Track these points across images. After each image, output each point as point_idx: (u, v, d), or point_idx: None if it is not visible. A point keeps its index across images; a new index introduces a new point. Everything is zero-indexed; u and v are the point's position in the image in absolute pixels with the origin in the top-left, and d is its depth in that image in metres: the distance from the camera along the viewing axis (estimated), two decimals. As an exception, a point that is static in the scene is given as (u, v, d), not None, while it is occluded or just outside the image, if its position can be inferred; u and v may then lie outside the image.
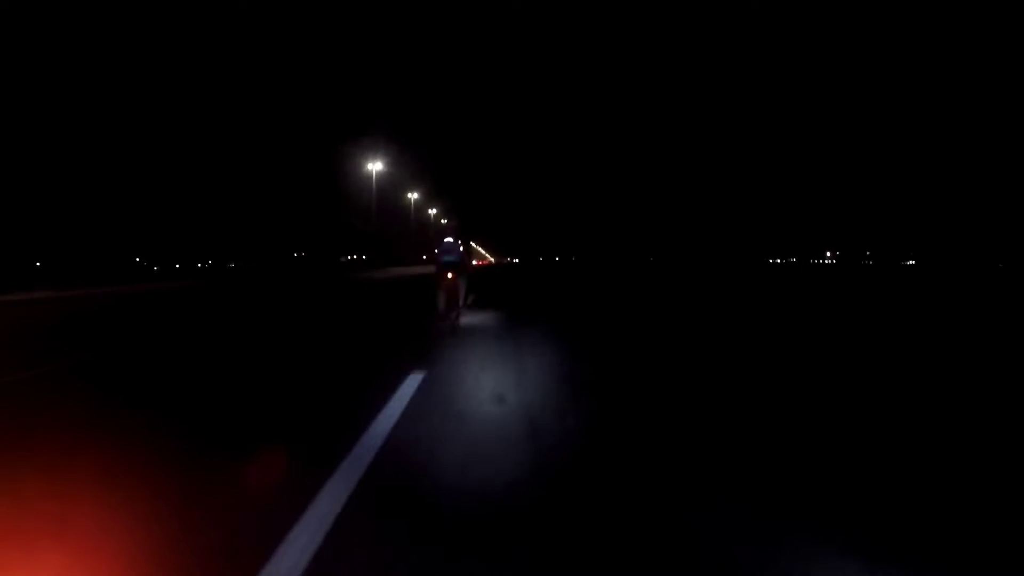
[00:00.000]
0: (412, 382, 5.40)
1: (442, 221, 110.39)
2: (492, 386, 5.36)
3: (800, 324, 11.44)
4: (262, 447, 3.71)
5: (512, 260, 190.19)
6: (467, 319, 12.51)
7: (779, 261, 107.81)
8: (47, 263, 33.35)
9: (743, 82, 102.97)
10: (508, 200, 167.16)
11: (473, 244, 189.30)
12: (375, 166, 49.47)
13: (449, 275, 11.88)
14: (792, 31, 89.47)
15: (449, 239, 12.21)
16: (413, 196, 67.19)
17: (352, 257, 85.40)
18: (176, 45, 46.83)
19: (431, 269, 14.09)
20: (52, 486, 3.07)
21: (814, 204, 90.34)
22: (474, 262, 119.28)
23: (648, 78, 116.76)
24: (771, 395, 5.28)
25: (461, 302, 12.41)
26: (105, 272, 28.63)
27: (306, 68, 59.83)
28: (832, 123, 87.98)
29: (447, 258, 12.04)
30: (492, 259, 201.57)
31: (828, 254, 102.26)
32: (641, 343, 8.83)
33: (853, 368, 6.90)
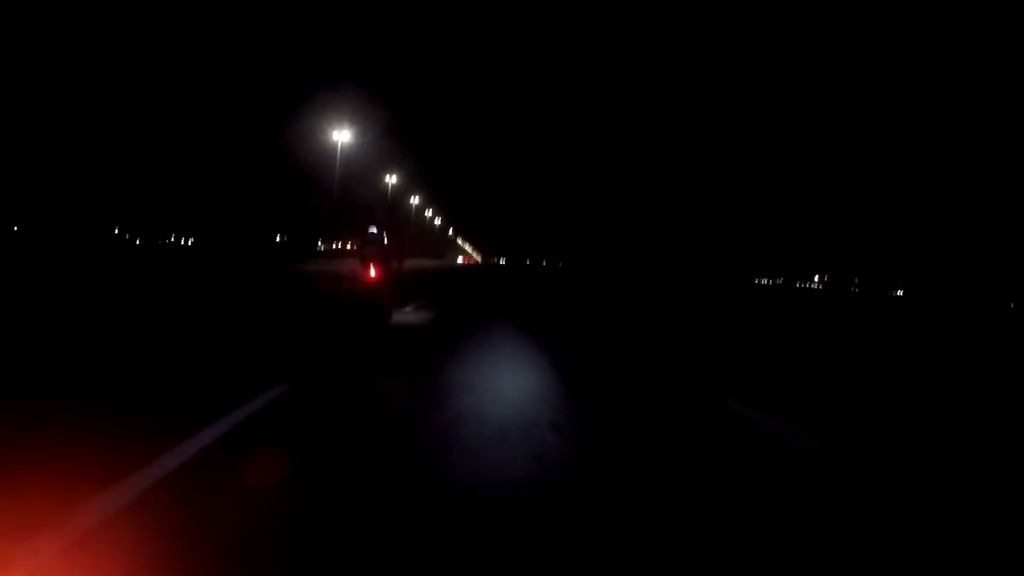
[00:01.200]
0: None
1: (426, 213, 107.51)
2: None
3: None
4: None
5: (499, 261, 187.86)
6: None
7: (767, 282, 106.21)
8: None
9: (741, 89, 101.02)
10: (499, 202, 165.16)
11: (460, 242, 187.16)
12: (341, 136, 41.98)
13: (372, 270, 10.65)
14: (793, 36, 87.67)
15: (374, 229, 10.94)
16: (391, 180, 63.97)
17: (337, 246, 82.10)
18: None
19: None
20: None
21: (809, 221, 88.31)
22: (459, 260, 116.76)
23: (645, 81, 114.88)
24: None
25: (388, 303, 10.92)
26: None
27: (282, 30, 53.97)
28: (830, 137, 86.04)
29: (369, 251, 10.83)
30: (479, 258, 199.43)
31: (816, 277, 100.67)
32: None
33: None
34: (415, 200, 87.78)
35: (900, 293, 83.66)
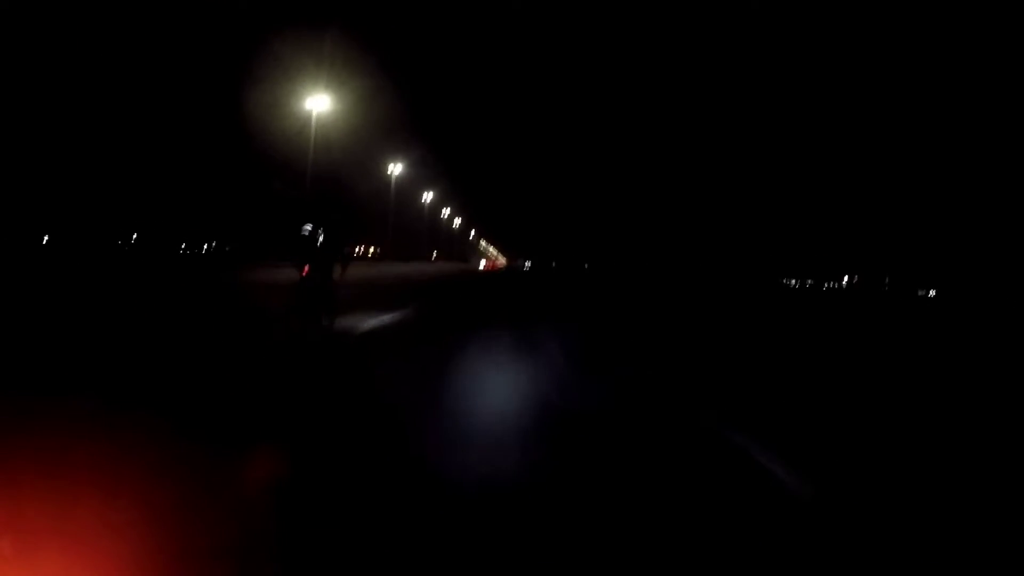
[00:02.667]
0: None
1: (443, 213, 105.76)
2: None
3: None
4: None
5: (525, 264, 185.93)
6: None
7: (794, 283, 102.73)
8: None
9: (765, 81, 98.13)
10: (524, 205, 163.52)
11: (484, 243, 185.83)
12: (315, 104, 33.77)
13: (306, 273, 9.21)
14: (808, 28, 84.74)
15: (308, 226, 9.64)
16: (395, 169, 61.43)
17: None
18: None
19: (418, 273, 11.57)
20: None
21: (838, 220, 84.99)
22: (482, 264, 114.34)
23: (669, 82, 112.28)
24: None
25: (326, 316, 9.41)
26: None
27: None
28: (860, 137, 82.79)
29: (303, 254, 9.44)
30: (504, 261, 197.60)
31: (846, 278, 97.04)
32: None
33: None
34: (428, 196, 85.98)
35: (932, 293, 79.98)
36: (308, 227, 9.56)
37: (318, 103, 34.60)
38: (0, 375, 5.71)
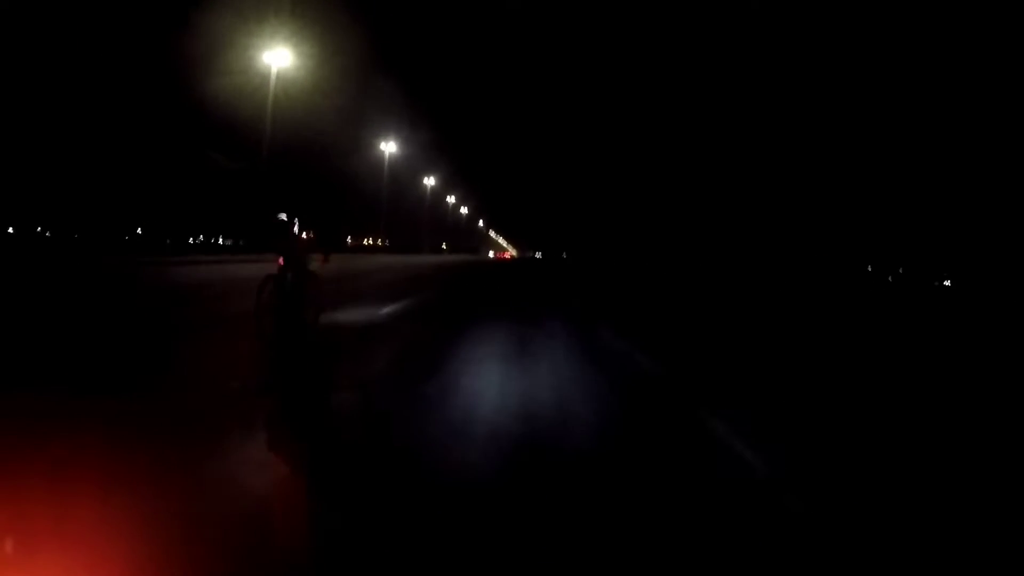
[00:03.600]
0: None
1: (448, 200, 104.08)
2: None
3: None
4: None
5: (535, 255, 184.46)
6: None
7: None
8: None
9: (771, 80, 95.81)
10: (536, 194, 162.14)
11: (493, 233, 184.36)
12: (275, 59, 28.43)
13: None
14: (809, 27, 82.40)
15: (282, 216, 8.83)
16: (388, 148, 59.64)
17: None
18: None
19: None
20: None
21: (851, 209, 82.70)
22: (491, 254, 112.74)
23: (678, 72, 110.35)
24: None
25: (309, 312, 8.32)
26: None
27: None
28: (867, 125, 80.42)
29: (277, 241, 8.71)
30: (514, 252, 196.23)
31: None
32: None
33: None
34: (430, 181, 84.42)
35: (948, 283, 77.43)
36: (282, 216, 8.87)
37: (278, 58, 28.48)
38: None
